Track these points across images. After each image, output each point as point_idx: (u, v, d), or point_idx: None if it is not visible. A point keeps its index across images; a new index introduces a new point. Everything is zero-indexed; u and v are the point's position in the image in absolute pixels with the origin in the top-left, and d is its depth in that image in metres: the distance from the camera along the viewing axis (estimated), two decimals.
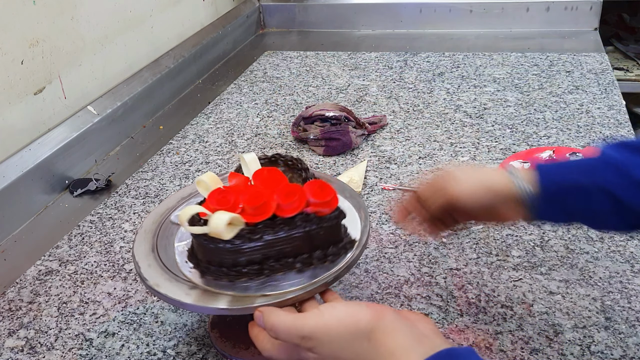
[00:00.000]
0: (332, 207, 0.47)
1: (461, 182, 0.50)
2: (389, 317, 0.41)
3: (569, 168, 0.48)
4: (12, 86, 0.79)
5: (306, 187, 0.48)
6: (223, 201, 0.48)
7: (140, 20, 1.06)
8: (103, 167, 0.91)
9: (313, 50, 1.32)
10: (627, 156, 0.46)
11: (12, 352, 0.57)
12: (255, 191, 0.48)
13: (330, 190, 0.48)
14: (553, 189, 0.47)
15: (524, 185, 0.48)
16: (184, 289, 0.48)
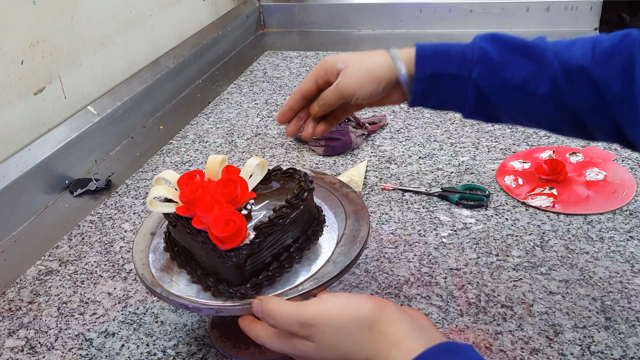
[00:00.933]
0: (235, 242, 0.45)
1: (352, 77, 0.52)
2: (390, 308, 0.41)
3: (446, 57, 0.51)
4: (12, 86, 0.79)
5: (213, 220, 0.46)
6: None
7: (140, 20, 1.06)
8: (103, 167, 0.91)
9: (313, 50, 1.32)
10: (502, 54, 0.49)
11: (12, 352, 0.57)
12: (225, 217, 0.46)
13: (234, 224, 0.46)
14: (428, 76, 0.51)
15: (405, 71, 0.52)
16: (184, 289, 0.48)
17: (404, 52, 0.53)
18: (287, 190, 0.51)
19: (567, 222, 0.69)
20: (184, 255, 0.50)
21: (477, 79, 0.50)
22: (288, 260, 0.48)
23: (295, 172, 0.53)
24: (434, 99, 0.53)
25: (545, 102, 0.48)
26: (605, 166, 0.79)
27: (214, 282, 0.47)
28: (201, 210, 0.46)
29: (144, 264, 0.52)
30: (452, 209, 0.73)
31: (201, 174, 0.51)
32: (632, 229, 0.67)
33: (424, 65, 0.51)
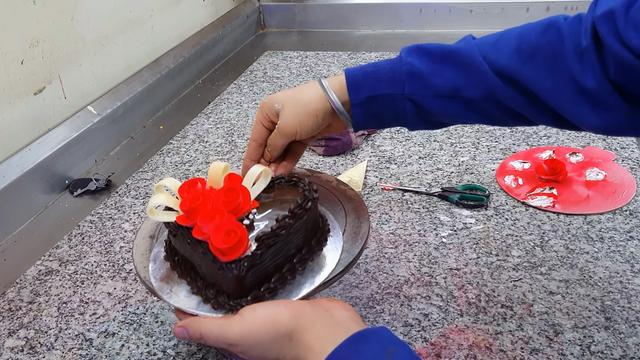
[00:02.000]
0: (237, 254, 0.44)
1: (290, 116, 0.53)
2: (306, 315, 0.42)
3: (375, 79, 0.51)
4: (12, 86, 0.79)
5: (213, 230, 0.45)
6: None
7: (140, 20, 1.06)
8: (103, 167, 0.91)
9: (313, 50, 1.32)
10: (429, 65, 0.50)
11: (12, 352, 0.57)
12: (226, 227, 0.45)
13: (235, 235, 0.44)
14: (363, 100, 0.52)
15: (338, 102, 0.52)
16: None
17: (334, 80, 0.53)
18: (290, 200, 0.50)
19: (567, 222, 0.69)
20: (184, 265, 0.49)
21: (410, 95, 0.51)
22: (290, 271, 0.47)
23: (300, 181, 0.52)
24: (375, 121, 0.53)
25: (481, 104, 0.49)
26: (605, 166, 0.79)
27: (214, 294, 0.46)
28: (202, 220, 0.44)
29: (145, 267, 0.52)
30: (452, 209, 0.73)
31: (203, 182, 0.50)
32: (632, 229, 0.67)
33: (356, 90, 0.52)
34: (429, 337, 0.55)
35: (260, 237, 0.44)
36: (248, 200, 0.48)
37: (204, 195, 0.46)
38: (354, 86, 0.52)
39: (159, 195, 0.49)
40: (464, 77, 0.49)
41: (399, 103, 0.51)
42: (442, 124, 0.54)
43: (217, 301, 0.45)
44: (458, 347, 0.54)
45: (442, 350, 0.53)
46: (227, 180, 0.50)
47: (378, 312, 0.58)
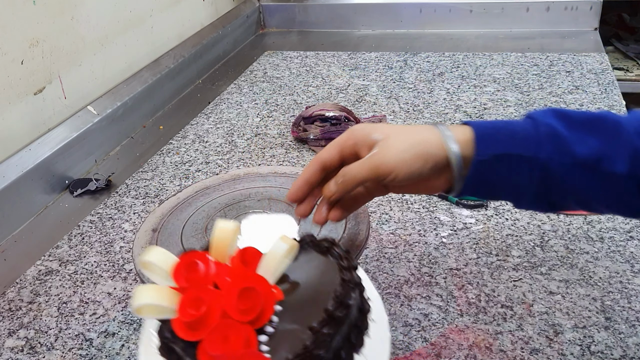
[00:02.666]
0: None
1: (392, 150, 0.42)
2: None
3: (509, 135, 0.43)
4: (12, 86, 0.79)
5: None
6: None
7: (140, 20, 1.06)
8: (103, 167, 0.91)
9: (313, 50, 1.32)
10: (570, 130, 0.42)
11: (12, 352, 0.57)
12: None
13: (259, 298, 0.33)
14: (489, 157, 0.42)
15: (458, 152, 0.43)
16: None
17: (456, 130, 0.44)
18: (322, 281, 0.37)
19: (567, 222, 0.69)
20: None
21: (546, 160, 0.42)
22: None
23: (334, 247, 0.38)
24: (488, 186, 0.44)
25: (623, 183, 0.41)
26: None
27: None
28: (211, 344, 0.32)
29: None
30: (452, 209, 0.73)
31: (204, 260, 0.37)
32: (632, 229, 0.67)
33: (484, 145, 0.42)
34: (429, 337, 0.55)
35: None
36: (271, 302, 0.35)
37: (210, 296, 0.34)
38: (482, 139, 0.43)
39: (147, 290, 0.36)
40: (610, 147, 0.41)
41: (528, 168, 0.42)
42: (562, 205, 0.45)
43: None
44: (458, 347, 0.54)
45: (442, 351, 0.53)
46: (239, 260, 0.37)
47: None
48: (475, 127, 0.44)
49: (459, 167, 0.43)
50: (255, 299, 0.34)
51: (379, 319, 0.37)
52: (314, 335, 0.33)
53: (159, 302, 0.35)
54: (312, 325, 0.33)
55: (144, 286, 0.36)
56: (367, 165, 0.43)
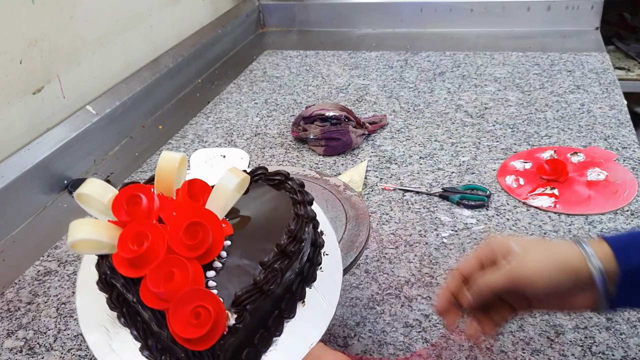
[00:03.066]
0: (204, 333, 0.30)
1: (532, 261, 0.42)
2: None
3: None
4: (10, 86, 0.78)
5: None
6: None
7: (139, 20, 1.06)
8: (102, 167, 0.90)
9: (313, 50, 1.32)
10: None
11: (11, 352, 0.57)
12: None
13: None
14: (634, 267, 0.41)
15: (600, 267, 0.41)
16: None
17: (593, 245, 0.43)
18: (275, 215, 0.35)
19: (568, 223, 0.69)
20: (127, 308, 0.34)
21: None
22: (276, 324, 0.34)
23: (287, 181, 0.37)
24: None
25: None
26: (606, 166, 0.78)
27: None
28: (154, 281, 0.30)
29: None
30: (452, 209, 0.73)
31: (147, 192, 0.33)
32: (633, 229, 0.67)
33: (626, 255, 0.42)
34: (430, 338, 0.55)
35: (240, 300, 0.31)
36: (220, 237, 0.33)
37: (153, 231, 0.31)
38: (624, 250, 0.42)
39: (82, 222, 0.33)
40: None
41: None
42: None
43: None
44: (459, 348, 0.53)
45: (443, 352, 0.53)
46: (186, 191, 0.34)
47: (378, 313, 0.58)
48: (611, 240, 0.43)
49: (603, 282, 0.41)
50: (203, 233, 0.32)
51: (332, 253, 0.37)
52: (265, 270, 0.32)
53: (97, 237, 0.32)
54: (263, 261, 0.32)
55: (80, 220, 0.33)
56: (503, 274, 0.43)
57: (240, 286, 0.31)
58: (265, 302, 0.32)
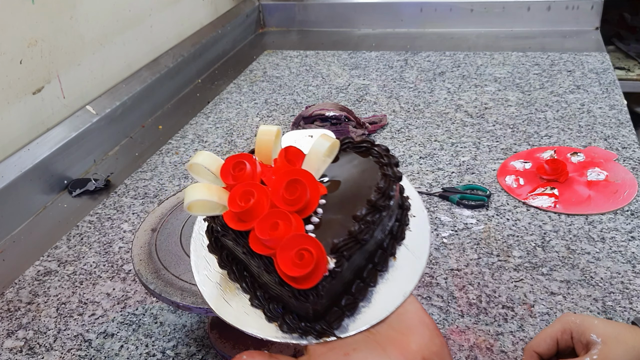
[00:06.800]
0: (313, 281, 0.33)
1: (612, 354, 0.43)
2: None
3: None
4: (10, 86, 0.78)
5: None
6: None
7: (139, 20, 1.06)
8: (102, 167, 0.90)
9: (313, 50, 1.32)
10: None
11: (11, 352, 0.57)
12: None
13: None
14: None
15: None
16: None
17: None
18: (364, 177, 0.38)
19: (568, 223, 0.69)
20: (236, 264, 0.38)
21: None
22: (371, 276, 0.36)
23: (373, 147, 0.40)
24: None
25: None
26: (606, 166, 0.78)
27: (280, 313, 0.36)
28: (261, 230, 0.34)
29: (141, 260, 0.51)
30: (452, 209, 0.73)
31: (250, 160, 0.38)
32: (633, 229, 0.67)
33: None
34: None
35: (338, 247, 0.34)
36: (316, 194, 0.36)
37: (258, 190, 0.36)
38: None
39: (197, 186, 0.37)
40: None
41: None
42: None
43: (286, 323, 0.35)
44: (459, 348, 0.53)
45: None
46: (284, 157, 0.38)
47: None
48: None
49: None
50: (301, 189, 0.35)
51: (419, 215, 0.40)
52: (358, 222, 0.35)
53: (210, 198, 0.37)
54: (357, 214, 0.35)
55: (194, 185, 0.37)
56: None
57: (337, 236, 0.35)
58: (360, 256, 0.35)
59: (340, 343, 0.34)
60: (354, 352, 0.34)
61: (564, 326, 0.46)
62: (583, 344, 0.45)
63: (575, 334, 0.46)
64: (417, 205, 0.41)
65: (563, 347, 0.47)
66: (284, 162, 0.38)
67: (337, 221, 0.36)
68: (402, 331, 0.35)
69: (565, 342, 0.46)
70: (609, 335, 0.44)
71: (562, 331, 0.46)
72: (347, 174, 0.39)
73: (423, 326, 0.35)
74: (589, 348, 0.44)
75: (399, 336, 0.34)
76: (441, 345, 0.35)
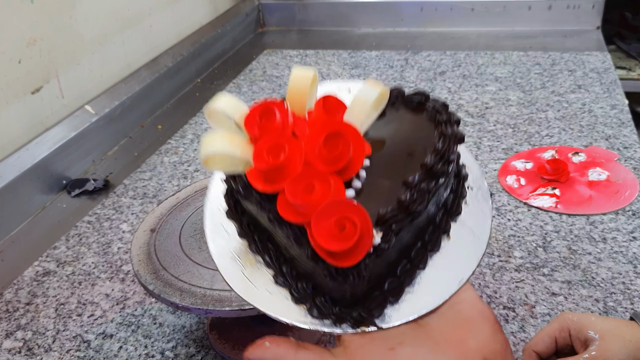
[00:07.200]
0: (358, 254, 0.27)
1: (611, 355, 0.42)
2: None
3: None
4: (9, 85, 0.78)
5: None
6: None
7: (138, 19, 1.05)
8: (101, 167, 0.90)
9: (313, 49, 1.32)
10: None
11: (10, 353, 0.57)
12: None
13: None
14: None
15: None
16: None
17: None
18: (417, 137, 0.31)
19: (569, 223, 0.69)
20: (259, 234, 0.32)
21: None
22: (421, 256, 0.30)
23: (428, 102, 0.33)
24: None
25: None
26: (607, 166, 0.78)
27: (310, 294, 0.30)
28: (293, 194, 0.27)
29: (140, 260, 0.51)
30: None
31: (281, 109, 0.30)
32: (634, 229, 0.67)
33: None
34: None
35: (385, 219, 0.28)
36: (361, 153, 0.29)
37: (290, 143, 0.29)
38: None
39: (216, 135, 0.30)
40: None
41: None
42: None
43: (317, 306, 0.29)
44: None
45: None
46: (321, 107, 0.31)
47: None
48: None
49: None
50: (344, 145, 0.28)
51: (477, 186, 0.33)
52: (410, 190, 0.28)
53: (231, 151, 0.29)
54: (408, 181, 0.29)
55: (214, 132, 0.30)
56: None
57: (384, 205, 0.28)
58: (409, 231, 0.29)
59: (383, 335, 0.28)
60: (400, 346, 0.28)
61: (562, 324, 0.46)
62: (581, 342, 0.45)
63: (573, 331, 0.45)
64: (476, 174, 0.34)
65: (562, 346, 0.46)
66: (321, 113, 0.31)
67: (384, 187, 0.29)
68: (459, 324, 0.29)
69: (563, 341, 0.46)
70: (606, 331, 0.44)
71: (560, 329, 0.46)
72: (396, 132, 0.32)
73: (483, 319, 0.29)
74: (587, 345, 0.44)
75: (454, 330, 0.29)
76: (504, 343, 0.29)
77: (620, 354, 0.43)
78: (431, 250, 0.31)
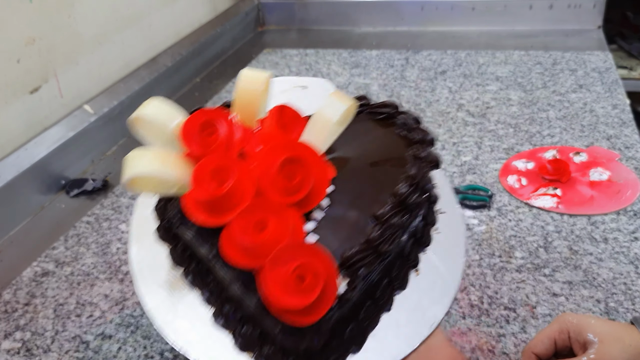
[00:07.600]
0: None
1: (608, 354, 0.43)
2: None
3: None
4: (8, 85, 0.78)
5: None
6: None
7: (137, 18, 1.05)
8: (100, 167, 0.90)
9: (313, 48, 1.31)
10: None
11: (9, 354, 0.57)
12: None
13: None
14: None
15: None
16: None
17: None
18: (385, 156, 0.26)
19: (570, 223, 0.68)
20: (197, 264, 0.26)
21: None
22: (385, 297, 0.26)
23: (397, 115, 0.27)
24: None
25: None
26: (609, 166, 0.78)
27: (257, 340, 0.24)
28: (241, 231, 0.22)
29: None
30: None
31: (226, 121, 0.25)
32: (636, 229, 0.66)
33: None
34: None
35: (351, 261, 0.23)
36: (324, 180, 0.24)
37: (238, 165, 0.23)
38: None
39: (144, 153, 0.23)
40: None
41: None
42: None
43: (262, 354, 0.24)
44: (460, 349, 0.53)
45: None
46: (275, 120, 0.25)
47: None
48: None
49: None
50: (303, 174, 0.23)
51: (449, 210, 0.27)
52: (380, 225, 0.23)
53: (162, 173, 0.23)
54: (378, 213, 0.24)
55: (140, 150, 0.24)
56: None
57: (349, 243, 0.23)
58: (374, 272, 0.25)
59: None
60: None
61: (562, 326, 0.46)
62: (580, 344, 0.45)
63: (572, 333, 0.45)
64: (447, 196, 0.29)
65: (561, 347, 0.46)
66: (276, 130, 0.25)
67: (349, 219, 0.25)
68: None
69: (563, 342, 0.46)
70: (605, 334, 0.44)
71: (559, 331, 0.46)
72: (363, 150, 0.27)
73: None
74: (587, 347, 0.44)
75: None
76: None
77: (619, 357, 0.43)
78: (398, 288, 0.26)
